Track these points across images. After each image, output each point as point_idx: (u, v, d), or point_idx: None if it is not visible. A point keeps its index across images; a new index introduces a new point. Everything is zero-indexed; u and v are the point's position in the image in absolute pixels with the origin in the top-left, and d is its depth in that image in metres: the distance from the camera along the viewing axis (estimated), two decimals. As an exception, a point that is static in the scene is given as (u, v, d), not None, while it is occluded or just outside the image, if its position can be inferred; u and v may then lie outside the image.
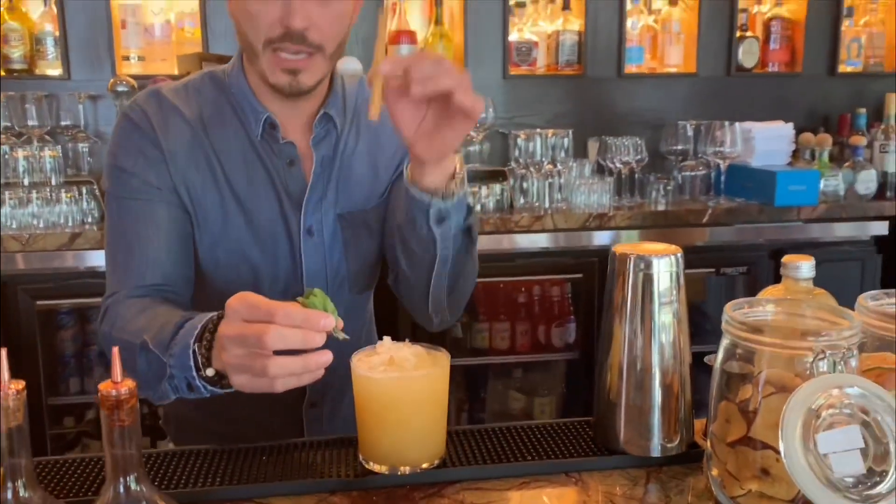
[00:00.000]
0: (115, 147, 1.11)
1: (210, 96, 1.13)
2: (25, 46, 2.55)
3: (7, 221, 2.25)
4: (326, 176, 1.13)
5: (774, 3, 3.04)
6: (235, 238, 1.12)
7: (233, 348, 0.79)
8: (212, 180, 1.10)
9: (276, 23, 0.98)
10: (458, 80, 0.83)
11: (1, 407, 0.63)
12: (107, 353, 1.03)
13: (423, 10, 2.85)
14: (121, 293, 1.05)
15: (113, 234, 1.11)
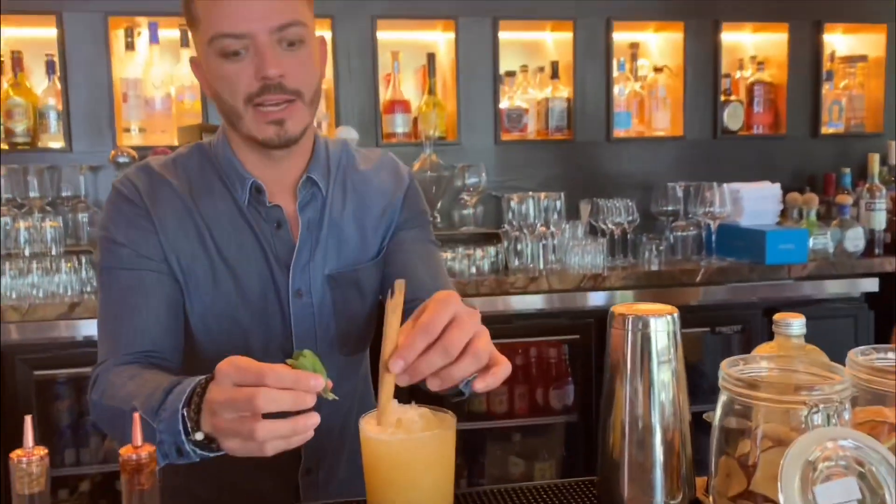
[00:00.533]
0: (106, 220, 1.15)
1: (197, 167, 1.17)
2: (29, 120, 2.61)
3: (7, 292, 2.27)
4: (314, 238, 1.17)
5: (756, 68, 3.15)
6: (225, 303, 1.14)
7: (223, 412, 0.80)
8: (201, 248, 1.14)
9: (252, 78, 1.04)
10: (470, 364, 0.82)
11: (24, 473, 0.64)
12: (98, 421, 1.06)
13: (417, 81, 2.94)
14: (109, 361, 1.07)
15: (104, 304, 1.14)
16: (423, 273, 1.22)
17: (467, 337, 0.81)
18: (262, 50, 1.03)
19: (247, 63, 1.04)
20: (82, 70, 2.65)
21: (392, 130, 2.84)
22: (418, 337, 0.80)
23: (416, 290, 1.19)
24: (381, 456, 0.84)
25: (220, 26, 1.03)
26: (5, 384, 2.21)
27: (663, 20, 3.04)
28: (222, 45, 1.03)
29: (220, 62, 1.05)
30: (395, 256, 1.24)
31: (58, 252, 2.39)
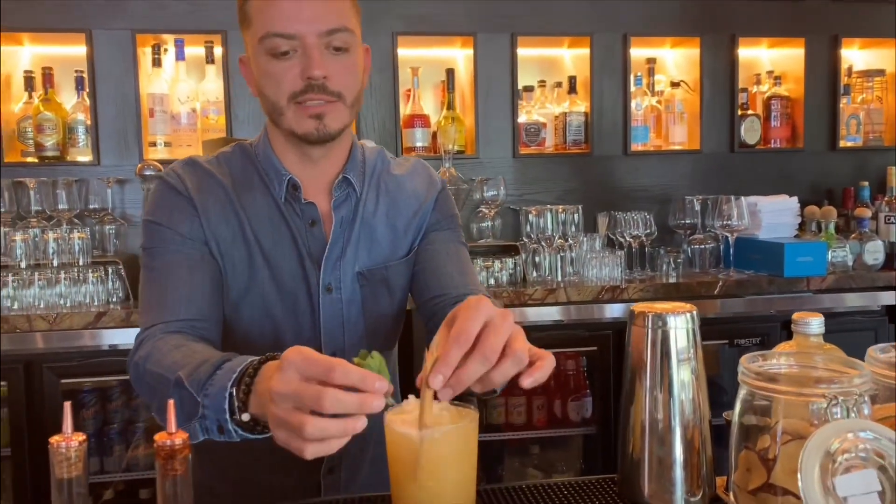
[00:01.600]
0: (151, 206, 1.20)
1: (239, 164, 1.23)
2: (58, 135, 2.67)
3: (35, 301, 2.32)
4: (346, 236, 1.21)
5: (773, 83, 3.16)
6: (260, 293, 1.18)
7: (282, 403, 0.78)
8: (241, 236, 1.18)
9: (297, 77, 1.10)
10: (512, 366, 0.81)
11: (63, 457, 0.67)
12: (137, 384, 1.06)
13: (436, 96, 2.99)
14: (157, 327, 1.09)
15: (147, 280, 1.17)
16: (451, 269, 1.25)
17: (503, 340, 0.80)
18: (309, 51, 1.09)
19: (294, 63, 1.09)
20: (110, 86, 2.71)
21: (412, 144, 2.88)
22: (453, 348, 0.79)
23: (444, 286, 1.23)
24: (408, 449, 0.86)
25: (272, 26, 1.08)
26: (33, 392, 2.26)
27: (680, 35, 3.06)
28: (272, 44, 1.09)
29: (269, 60, 1.10)
30: (424, 254, 1.28)
31: (85, 263, 2.43)
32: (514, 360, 0.81)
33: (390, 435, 0.87)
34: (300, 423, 0.75)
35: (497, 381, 0.82)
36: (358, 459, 1.27)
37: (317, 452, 0.77)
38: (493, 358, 0.80)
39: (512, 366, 0.81)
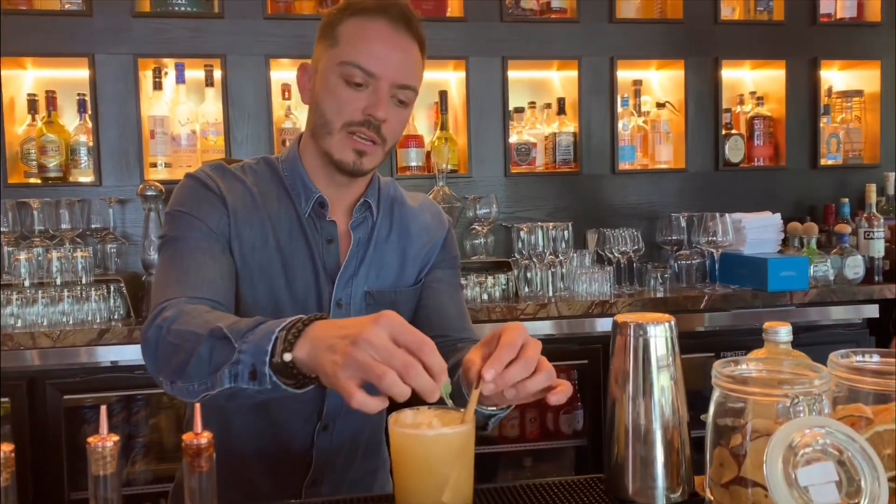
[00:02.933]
0: (180, 198, 1.23)
1: (265, 175, 1.29)
2: (61, 156, 2.74)
3: (39, 319, 2.38)
4: (360, 256, 1.28)
5: (755, 103, 3.27)
6: (273, 300, 1.23)
7: (369, 350, 0.83)
8: (263, 242, 1.23)
9: (360, 111, 1.17)
10: (545, 379, 0.95)
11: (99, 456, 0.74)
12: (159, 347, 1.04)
13: (430, 117, 3.07)
14: (179, 298, 1.10)
15: (168, 262, 1.18)
16: (453, 310, 1.36)
17: (538, 357, 0.94)
18: (381, 94, 1.16)
19: (362, 96, 1.17)
20: (112, 108, 2.79)
21: (406, 164, 2.96)
22: (504, 352, 0.91)
23: (445, 327, 1.32)
24: (412, 449, 0.92)
25: (358, 58, 1.16)
26: (36, 408, 2.31)
27: (664, 58, 3.16)
28: (352, 72, 1.16)
29: (340, 83, 1.17)
30: (429, 290, 1.36)
31: (87, 281, 2.49)
32: (546, 375, 0.95)
33: (396, 436, 0.94)
34: (383, 372, 0.81)
35: (531, 389, 0.94)
36: (341, 476, 1.32)
37: (362, 403, 0.83)
38: (531, 367, 0.93)
39: (544, 378, 0.95)
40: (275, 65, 2.87)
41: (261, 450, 1.28)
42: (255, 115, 2.88)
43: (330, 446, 1.29)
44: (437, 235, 1.38)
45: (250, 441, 1.28)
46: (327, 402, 1.27)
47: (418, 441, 0.93)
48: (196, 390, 0.99)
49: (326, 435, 1.28)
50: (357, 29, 1.17)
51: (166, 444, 2.60)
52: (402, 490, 0.95)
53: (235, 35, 2.84)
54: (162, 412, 2.61)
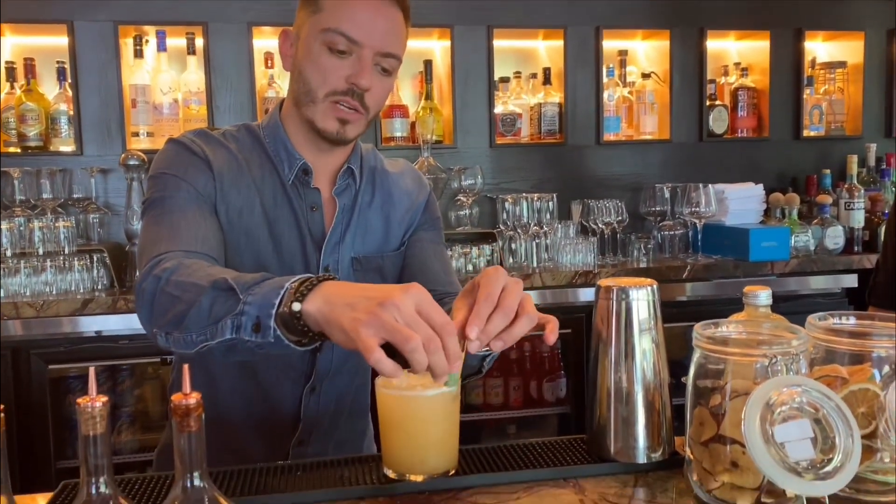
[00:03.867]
0: (164, 162, 1.20)
1: (246, 141, 1.27)
2: (41, 125, 2.71)
3: (22, 289, 2.36)
4: (345, 222, 1.28)
5: (740, 74, 3.27)
6: (262, 266, 1.22)
7: (395, 313, 0.82)
8: (249, 208, 1.22)
9: (343, 79, 1.15)
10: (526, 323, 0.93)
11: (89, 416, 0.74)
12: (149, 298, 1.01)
13: (414, 87, 3.06)
14: (177, 251, 1.08)
15: (156, 221, 1.14)
16: (437, 267, 1.36)
17: (518, 299, 0.93)
18: (364, 62, 1.15)
19: (345, 64, 1.15)
20: (92, 77, 2.75)
21: (391, 134, 2.95)
22: (482, 306, 0.91)
23: (430, 282, 1.32)
24: (397, 409, 0.94)
25: (342, 25, 1.14)
26: (21, 378, 2.30)
27: (650, 28, 3.16)
28: (335, 39, 1.14)
29: (323, 51, 1.15)
30: (413, 250, 1.37)
31: (70, 251, 2.48)
32: (527, 319, 0.93)
33: (383, 397, 0.95)
34: (409, 335, 0.81)
35: (515, 335, 0.92)
36: (327, 436, 1.34)
37: (379, 361, 0.82)
38: (511, 313, 0.92)
39: (527, 323, 0.93)
40: (257, 32, 2.84)
41: (248, 412, 1.29)
42: (237, 83, 2.85)
43: (317, 408, 1.30)
44: (418, 199, 1.39)
45: (238, 403, 1.29)
46: (317, 365, 1.28)
47: (405, 402, 0.94)
48: (194, 341, 0.97)
49: (314, 396, 1.29)
50: None
51: (151, 414, 2.60)
52: (388, 450, 0.96)
53: (217, 1, 2.81)
54: (147, 382, 2.61)
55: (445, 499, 0.91)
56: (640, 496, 0.91)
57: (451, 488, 0.93)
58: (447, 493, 0.93)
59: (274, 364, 1.26)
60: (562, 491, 0.93)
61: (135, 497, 0.94)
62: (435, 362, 0.83)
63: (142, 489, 0.97)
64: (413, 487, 0.93)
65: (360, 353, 0.82)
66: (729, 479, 0.85)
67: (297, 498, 0.92)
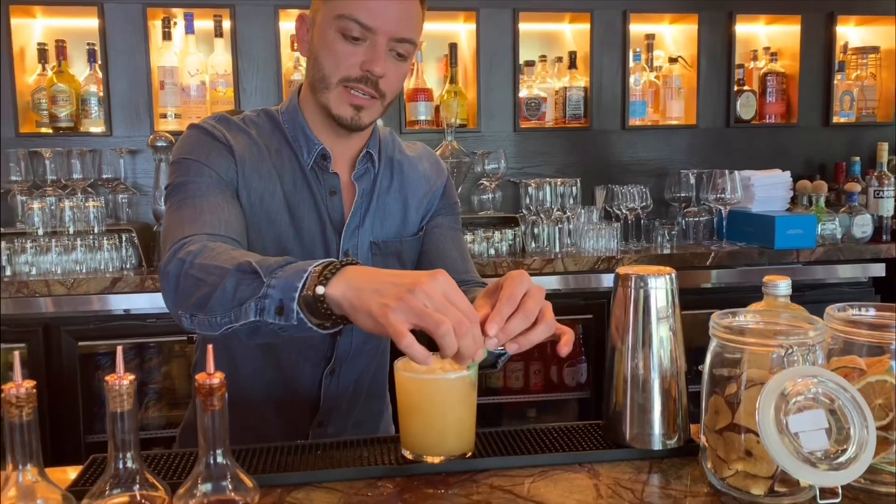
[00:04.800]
0: (186, 147, 1.21)
1: (266, 127, 1.29)
2: (72, 106, 2.75)
3: (53, 267, 2.42)
4: (364, 207, 1.29)
5: (769, 59, 3.23)
6: (283, 249, 1.24)
7: (424, 300, 0.84)
8: (271, 192, 1.24)
9: (357, 66, 1.16)
10: (545, 330, 0.94)
11: (116, 393, 0.77)
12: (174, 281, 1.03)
13: (439, 70, 3.05)
14: (200, 235, 1.09)
15: (179, 206, 1.16)
16: (454, 253, 1.37)
17: (540, 306, 0.94)
18: (378, 48, 1.15)
19: (359, 50, 1.15)
20: (122, 58, 2.79)
21: (415, 118, 2.96)
22: (504, 305, 0.92)
23: (448, 270, 1.31)
24: (416, 393, 0.96)
25: (355, 11, 1.14)
26: (52, 353, 2.36)
27: (678, 12, 3.12)
28: (348, 26, 1.14)
29: (337, 37, 1.15)
30: (431, 236, 1.38)
31: (100, 231, 2.52)
32: (546, 326, 0.94)
33: (402, 381, 0.97)
34: (440, 320, 0.83)
35: (532, 340, 0.94)
36: (346, 418, 1.36)
37: (410, 346, 0.83)
38: (532, 317, 0.93)
39: (544, 329, 0.94)
40: (284, 15, 2.85)
41: (269, 393, 1.32)
42: (264, 66, 2.87)
43: (336, 389, 1.33)
44: (436, 184, 1.40)
45: (259, 385, 1.31)
46: (337, 348, 1.30)
47: (425, 385, 0.96)
48: (219, 323, 0.97)
49: (333, 379, 1.32)
50: None
51: (178, 391, 2.66)
52: (407, 432, 0.98)
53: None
54: (174, 360, 2.66)
55: (461, 480, 0.93)
56: (654, 482, 0.92)
57: (467, 470, 0.95)
58: (463, 474, 0.94)
59: (295, 347, 1.28)
60: (576, 475, 0.94)
61: (160, 472, 0.97)
62: (465, 346, 0.84)
63: (167, 465, 1.00)
64: (430, 469, 0.95)
65: (390, 337, 0.83)
66: (743, 468, 0.86)
67: (317, 476, 0.94)
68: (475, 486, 0.91)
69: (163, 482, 0.81)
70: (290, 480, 0.93)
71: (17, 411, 0.75)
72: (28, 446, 0.77)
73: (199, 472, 0.79)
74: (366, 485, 0.92)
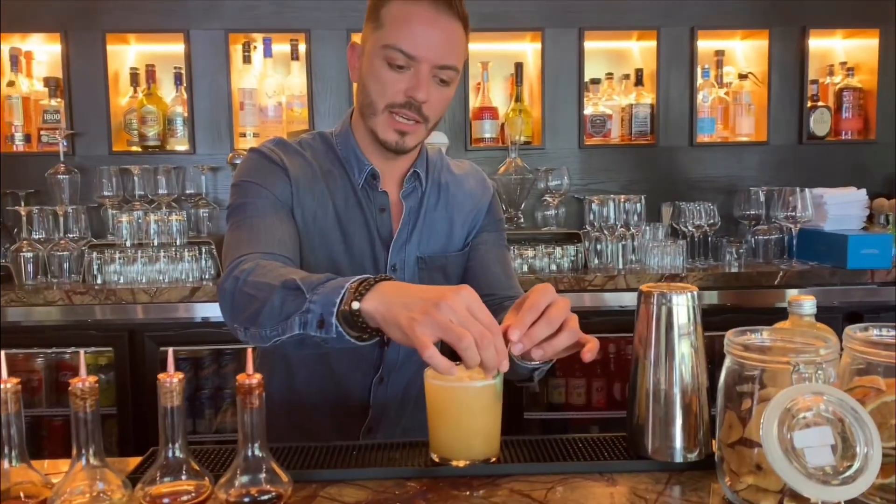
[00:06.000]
0: (245, 171, 1.31)
1: (320, 149, 1.38)
2: (159, 126, 2.95)
3: (139, 277, 2.59)
4: (412, 224, 1.37)
5: (845, 74, 3.15)
6: (331, 265, 1.32)
7: (448, 314, 0.89)
8: (323, 211, 1.32)
9: (402, 92, 1.23)
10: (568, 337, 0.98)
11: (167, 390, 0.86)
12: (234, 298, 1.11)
13: (505, 89, 3.12)
14: (254, 254, 1.17)
15: (238, 226, 1.25)
16: (498, 270, 1.43)
17: (564, 315, 0.99)
18: (422, 76, 1.22)
19: (404, 78, 1.23)
20: (205, 81, 2.97)
21: (480, 136, 3.02)
22: (527, 314, 0.97)
23: (492, 286, 1.40)
24: (445, 399, 1.02)
25: (400, 42, 1.21)
26: (136, 357, 2.53)
27: (749, 28, 3.09)
28: (393, 55, 1.22)
29: (383, 65, 1.23)
30: (476, 252, 1.44)
31: (182, 243, 2.69)
32: (569, 333, 0.99)
33: (432, 388, 1.03)
34: (463, 334, 0.88)
35: (557, 346, 0.98)
36: (395, 424, 1.43)
37: (432, 357, 0.88)
38: (555, 324, 0.98)
39: (569, 337, 0.99)
40: (356, 38, 2.97)
41: (323, 400, 1.40)
42: (337, 87, 3.00)
43: (385, 397, 1.40)
44: (482, 201, 1.46)
45: (313, 391, 1.40)
46: (385, 357, 1.37)
47: (453, 392, 1.02)
48: (268, 336, 1.05)
49: (382, 387, 1.39)
50: (399, 12, 1.22)
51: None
52: (435, 436, 1.04)
53: (319, 10, 2.96)
54: (248, 366, 2.79)
55: (484, 483, 0.98)
56: (670, 493, 0.95)
57: (490, 475, 1.00)
58: (487, 478, 1.00)
59: (346, 356, 1.36)
60: (595, 484, 0.98)
61: (204, 463, 1.06)
62: (487, 357, 0.90)
63: (210, 457, 1.09)
64: (456, 472, 1.01)
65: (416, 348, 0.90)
66: (753, 481, 0.88)
67: (350, 474, 1.01)
68: (496, 490, 0.96)
69: (207, 472, 0.89)
70: (325, 477, 1.00)
71: (82, 403, 0.85)
72: (91, 435, 0.86)
73: (237, 464, 0.87)
74: (394, 484, 0.99)
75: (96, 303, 2.49)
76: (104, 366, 2.63)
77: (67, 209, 2.70)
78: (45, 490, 0.87)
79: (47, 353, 2.65)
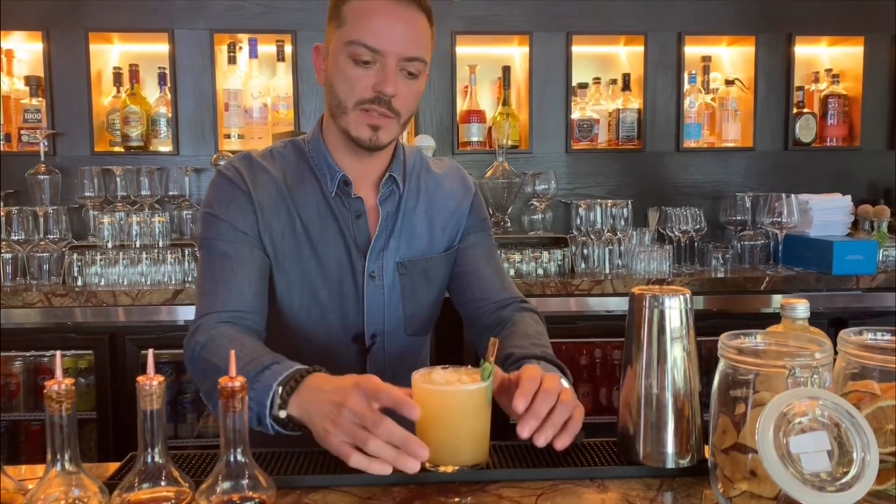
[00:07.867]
0: (210, 199, 1.32)
1: (292, 159, 1.34)
2: (142, 126, 2.91)
3: (120, 279, 2.55)
4: (389, 228, 1.34)
5: (831, 81, 3.16)
6: (307, 280, 1.30)
7: (351, 417, 0.94)
8: (291, 229, 1.30)
9: (369, 88, 1.21)
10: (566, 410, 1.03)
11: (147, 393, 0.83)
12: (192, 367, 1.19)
13: (493, 92, 3.11)
14: (210, 316, 1.21)
15: (204, 269, 1.28)
16: (489, 273, 1.41)
17: (558, 387, 1.04)
18: (388, 70, 1.20)
19: (371, 73, 1.21)
20: (190, 82, 2.94)
21: (468, 139, 3.01)
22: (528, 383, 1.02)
23: (485, 289, 1.39)
24: (432, 403, 0.99)
25: (363, 36, 1.19)
26: (116, 360, 2.48)
27: (735, 34, 3.10)
28: (358, 51, 1.20)
29: (348, 63, 1.21)
30: (464, 258, 1.42)
31: (164, 245, 2.65)
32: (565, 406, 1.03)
33: (420, 391, 1.01)
34: (366, 438, 0.92)
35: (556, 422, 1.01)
36: None
37: (358, 462, 0.92)
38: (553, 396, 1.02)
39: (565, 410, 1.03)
40: (335, 41, 2.95)
41: None
42: (322, 89, 2.97)
43: None
44: (463, 201, 1.43)
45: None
46: (368, 369, 1.34)
47: (442, 396, 1.00)
48: None
49: None
50: (360, 7, 1.20)
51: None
52: (423, 441, 1.01)
53: (306, 11, 2.94)
54: (231, 370, 2.75)
55: (473, 489, 0.96)
56: (662, 499, 0.93)
57: (479, 480, 0.98)
58: (475, 484, 0.97)
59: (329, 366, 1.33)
60: (585, 490, 0.96)
61: (186, 469, 1.03)
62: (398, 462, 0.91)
63: (192, 462, 1.06)
64: (444, 478, 0.99)
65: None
66: (747, 488, 0.86)
67: (335, 480, 0.98)
68: (485, 496, 0.94)
69: (188, 478, 0.87)
70: (309, 483, 0.98)
71: (58, 406, 0.82)
72: (67, 440, 0.83)
73: (219, 469, 0.84)
74: (381, 490, 0.96)
75: (76, 305, 2.44)
76: (84, 369, 2.59)
77: (48, 210, 2.66)
78: (19, 497, 0.84)
79: (25, 357, 2.60)
